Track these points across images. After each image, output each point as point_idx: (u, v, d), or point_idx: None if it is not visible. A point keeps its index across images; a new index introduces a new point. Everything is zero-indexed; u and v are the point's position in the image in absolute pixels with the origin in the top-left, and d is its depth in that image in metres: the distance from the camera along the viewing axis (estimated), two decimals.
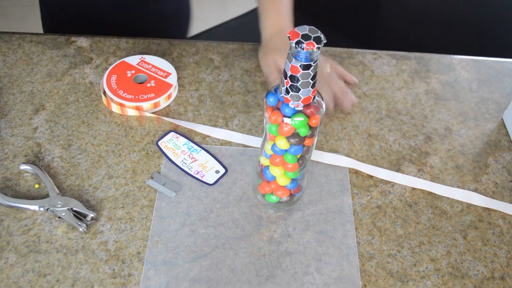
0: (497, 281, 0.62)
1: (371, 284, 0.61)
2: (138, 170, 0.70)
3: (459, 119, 0.82)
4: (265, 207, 0.67)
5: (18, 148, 0.71)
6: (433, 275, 0.62)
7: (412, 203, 0.69)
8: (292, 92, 0.53)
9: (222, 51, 0.89)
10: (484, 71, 0.90)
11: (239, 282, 0.60)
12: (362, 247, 0.64)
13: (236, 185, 0.69)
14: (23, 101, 0.78)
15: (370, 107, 0.82)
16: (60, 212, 0.63)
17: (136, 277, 0.59)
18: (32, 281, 0.58)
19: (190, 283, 0.59)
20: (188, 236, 0.64)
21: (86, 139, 0.73)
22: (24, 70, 0.83)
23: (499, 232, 0.67)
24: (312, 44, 0.49)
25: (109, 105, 0.77)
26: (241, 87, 0.83)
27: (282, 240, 0.64)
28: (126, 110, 0.76)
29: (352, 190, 0.70)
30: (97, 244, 0.62)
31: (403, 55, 0.92)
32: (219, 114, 0.79)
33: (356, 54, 0.91)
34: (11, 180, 0.68)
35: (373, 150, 0.75)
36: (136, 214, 0.65)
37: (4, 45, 0.86)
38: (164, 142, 0.73)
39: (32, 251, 0.61)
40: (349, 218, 0.67)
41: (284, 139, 0.58)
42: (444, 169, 0.74)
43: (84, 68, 0.83)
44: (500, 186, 0.73)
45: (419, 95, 0.85)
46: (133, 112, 0.76)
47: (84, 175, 0.69)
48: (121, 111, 0.76)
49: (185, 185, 0.69)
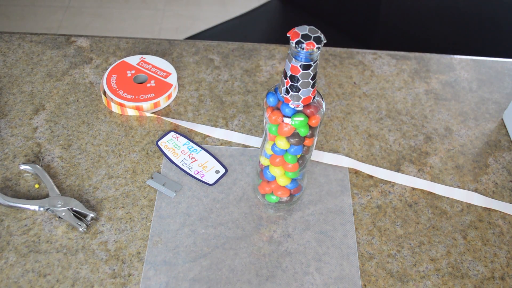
0: (497, 281, 0.62)
1: (371, 284, 0.61)
2: (138, 170, 0.70)
3: (459, 119, 0.82)
4: (265, 207, 0.67)
5: (18, 148, 0.71)
6: (433, 275, 0.62)
7: (412, 203, 0.69)
8: (292, 92, 0.53)
9: (222, 51, 0.89)
10: (484, 71, 0.90)
11: (239, 282, 0.60)
12: (362, 247, 0.64)
13: (236, 185, 0.70)
14: (23, 101, 0.78)
15: (370, 107, 0.82)
16: (60, 212, 0.63)
17: (136, 277, 0.59)
18: (32, 281, 0.58)
19: (190, 283, 0.59)
20: (188, 236, 0.64)
21: (86, 139, 0.73)
22: (24, 70, 0.83)
23: (499, 232, 0.67)
24: (312, 44, 0.49)
25: (109, 105, 0.77)
26: (241, 87, 0.83)
27: (282, 240, 0.64)
28: (126, 110, 0.76)
29: (352, 190, 0.70)
30: (97, 244, 0.62)
31: (403, 55, 0.92)
32: (219, 114, 0.79)
33: (356, 54, 0.91)
34: (11, 180, 0.68)
35: (373, 150, 0.75)
36: (136, 214, 0.65)
37: (4, 45, 0.86)
38: (164, 142, 0.74)
39: (32, 251, 0.61)
40: (349, 218, 0.67)
41: (284, 139, 0.58)
42: (444, 169, 0.74)
43: (84, 68, 0.83)
44: (500, 186, 0.73)
45: (419, 95, 0.85)
46: (133, 112, 0.76)
47: (84, 175, 0.69)
48: (121, 111, 0.76)
49: (185, 185, 0.69)
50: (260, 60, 0.88)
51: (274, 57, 0.89)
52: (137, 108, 0.76)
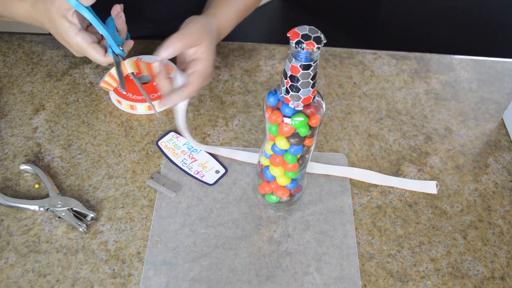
0: (497, 281, 0.62)
1: (371, 284, 0.61)
2: (138, 170, 0.70)
3: (459, 119, 0.82)
4: (265, 207, 0.67)
5: (18, 148, 0.71)
6: (433, 275, 0.62)
7: (412, 203, 0.69)
8: (292, 92, 0.53)
9: (222, 51, 0.89)
10: (484, 71, 0.90)
11: (239, 282, 0.60)
12: (362, 247, 0.64)
13: (236, 185, 0.69)
14: (23, 101, 0.78)
15: (370, 107, 0.82)
16: (60, 212, 0.63)
17: (136, 277, 0.59)
18: (32, 281, 0.58)
19: (190, 283, 0.59)
20: (188, 236, 0.64)
21: (86, 139, 0.73)
22: (24, 70, 0.83)
23: (499, 232, 0.67)
24: (312, 44, 0.49)
25: (120, 103, 0.77)
26: (241, 87, 0.83)
27: (282, 240, 0.64)
28: (136, 108, 0.76)
29: (352, 190, 0.70)
30: (97, 244, 0.62)
31: (403, 55, 0.92)
32: (219, 114, 0.79)
33: (356, 54, 0.91)
34: (11, 180, 0.68)
35: (373, 150, 0.75)
36: (136, 214, 0.65)
37: (4, 45, 0.86)
38: (164, 142, 0.73)
39: (32, 251, 0.61)
40: (349, 218, 0.67)
41: (284, 139, 0.58)
42: (444, 169, 0.74)
43: (84, 68, 0.83)
44: (500, 186, 0.73)
45: (419, 95, 0.85)
46: (143, 110, 0.76)
47: (84, 175, 0.69)
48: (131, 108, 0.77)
49: (185, 185, 0.69)
50: (260, 60, 0.88)
51: (274, 57, 0.89)
52: (149, 108, 0.77)
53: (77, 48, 0.67)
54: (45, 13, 0.66)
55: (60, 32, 0.66)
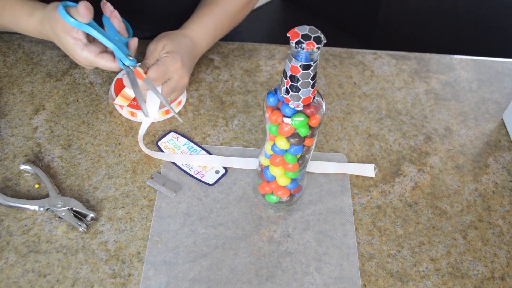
0: (497, 281, 0.62)
1: (371, 284, 0.61)
2: (138, 170, 0.70)
3: (459, 119, 0.82)
4: (265, 207, 0.67)
5: (18, 148, 0.71)
6: (433, 275, 0.62)
7: (412, 203, 0.69)
8: (292, 92, 0.53)
9: (222, 51, 0.89)
10: (484, 71, 0.90)
11: (239, 282, 0.60)
12: (362, 247, 0.64)
13: (236, 185, 0.69)
14: (23, 101, 0.78)
15: (370, 107, 0.82)
16: (60, 212, 0.63)
17: (136, 277, 0.59)
18: (32, 281, 0.58)
19: (190, 283, 0.59)
20: (188, 236, 0.64)
21: (86, 139, 0.73)
22: (24, 70, 0.83)
23: (499, 232, 0.67)
24: (312, 44, 0.49)
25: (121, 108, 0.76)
26: (241, 87, 0.83)
27: (282, 240, 0.64)
28: None
29: (352, 190, 0.70)
30: (97, 244, 0.62)
31: (403, 55, 0.92)
32: (219, 114, 0.79)
33: (356, 54, 0.91)
34: (11, 180, 0.68)
35: (373, 150, 0.75)
36: (136, 214, 0.65)
37: (4, 45, 0.86)
38: (164, 142, 0.73)
39: (32, 251, 0.61)
40: (349, 218, 0.67)
41: (284, 139, 0.58)
42: (444, 169, 0.74)
43: (84, 68, 0.83)
44: (500, 186, 0.73)
45: (419, 95, 0.85)
46: (160, 116, 0.76)
47: (84, 175, 0.69)
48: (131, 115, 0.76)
49: (185, 185, 0.69)
50: (260, 60, 0.88)
51: (274, 57, 0.89)
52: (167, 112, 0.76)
53: (86, 62, 0.69)
54: (51, 30, 0.68)
55: (67, 49, 0.69)
